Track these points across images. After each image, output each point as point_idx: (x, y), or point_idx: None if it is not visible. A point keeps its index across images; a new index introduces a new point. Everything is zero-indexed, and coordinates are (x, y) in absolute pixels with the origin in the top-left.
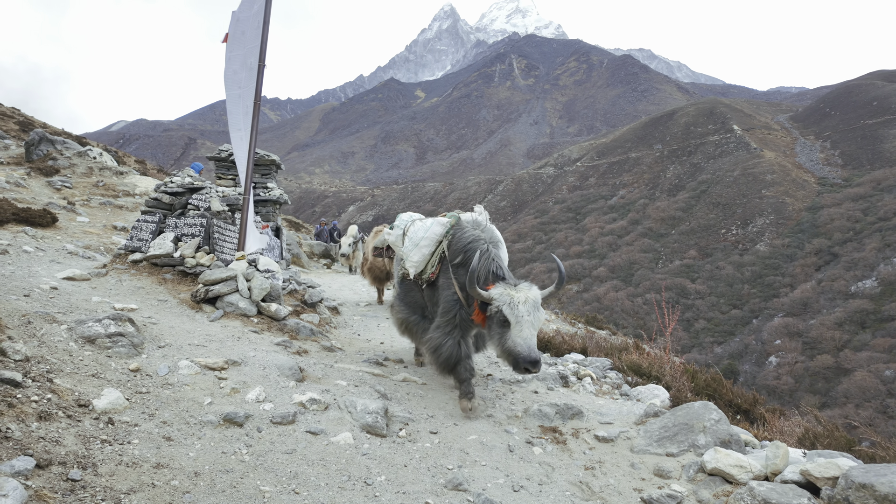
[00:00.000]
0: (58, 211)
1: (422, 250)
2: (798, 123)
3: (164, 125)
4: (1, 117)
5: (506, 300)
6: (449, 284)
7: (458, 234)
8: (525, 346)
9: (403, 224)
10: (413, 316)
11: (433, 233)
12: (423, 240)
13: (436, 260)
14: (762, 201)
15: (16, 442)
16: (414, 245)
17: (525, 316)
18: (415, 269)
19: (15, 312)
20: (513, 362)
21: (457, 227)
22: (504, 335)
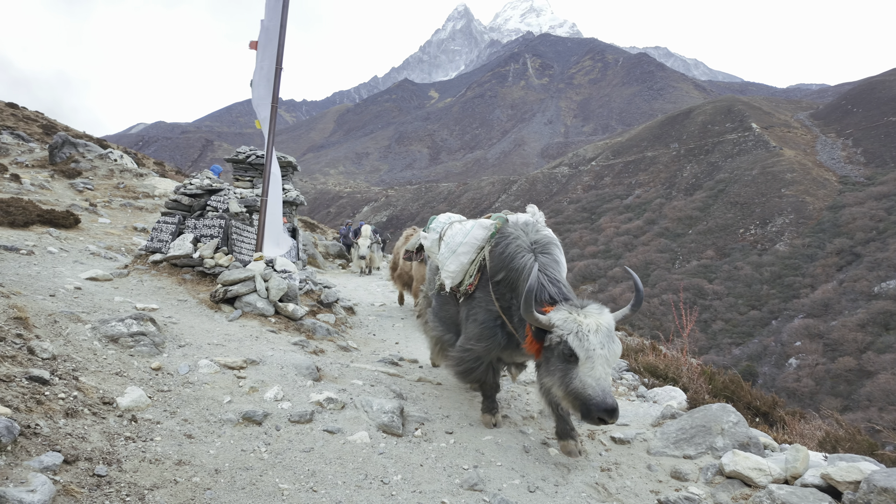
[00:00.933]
0: (80, 212)
1: (459, 258)
2: (819, 121)
3: (181, 127)
4: (25, 121)
5: (572, 328)
6: (488, 301)
7: (503, 241)
8: (598, 388)
9: (440, 227)
10: (448, 334)
11: (473, 238)
12: (462, 246)
13: (475, 269)
14: (782, 200)
15: (44, 438)
16: (451, 252)
17: (597, 349)
18: (451, 281)
19: (42, 312)
20: (581, 408)
21: (502, 232)
22: (568, 373)
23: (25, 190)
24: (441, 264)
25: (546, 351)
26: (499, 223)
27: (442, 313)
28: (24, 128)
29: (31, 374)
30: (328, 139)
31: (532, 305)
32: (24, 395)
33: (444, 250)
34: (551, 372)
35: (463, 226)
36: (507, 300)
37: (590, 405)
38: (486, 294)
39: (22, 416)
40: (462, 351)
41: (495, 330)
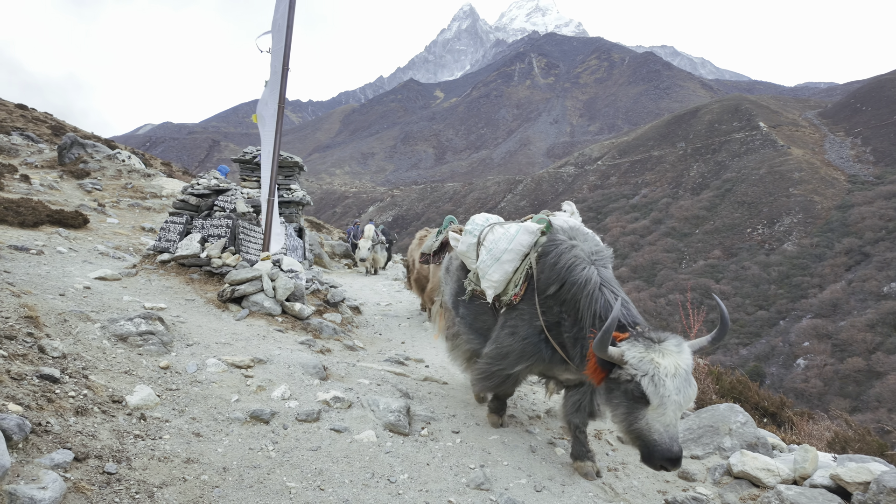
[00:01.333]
0: (89, 213)
1: (504, 267)
2: (827, 120)
3: (188, 128)
4: (35, 122)
5: (647, 370)
6: (532, 314)
7: (554, 249)
8: (666, 435)
9: (478, 230)
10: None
11: (519, 244)
12: (507, 253)
13: (521, 278)
14: (789, 200)
15: (55, 436)
16: (494, 259)
17: (672, 395)
18: (494, 291)
19: (52, 311)
20: (644, 451)
21: (551, 238)
22: (635, 413)
23: (35, 190)
24: (482, 272)
25: (611, 381)
26: (543, 226)
27: (478, 324)
28: (34, 129)
29: (42, 372)
30: (334, 139)
31: (609, 341)
32: (35, 393)
33: (485, 257)
34: (613, 404)
35: (506, 230)
36: (555, 314)
37: (653, 451)
38: (531, 306)
39: (33, 414)
40: (494, 362)
41: (539, 346)
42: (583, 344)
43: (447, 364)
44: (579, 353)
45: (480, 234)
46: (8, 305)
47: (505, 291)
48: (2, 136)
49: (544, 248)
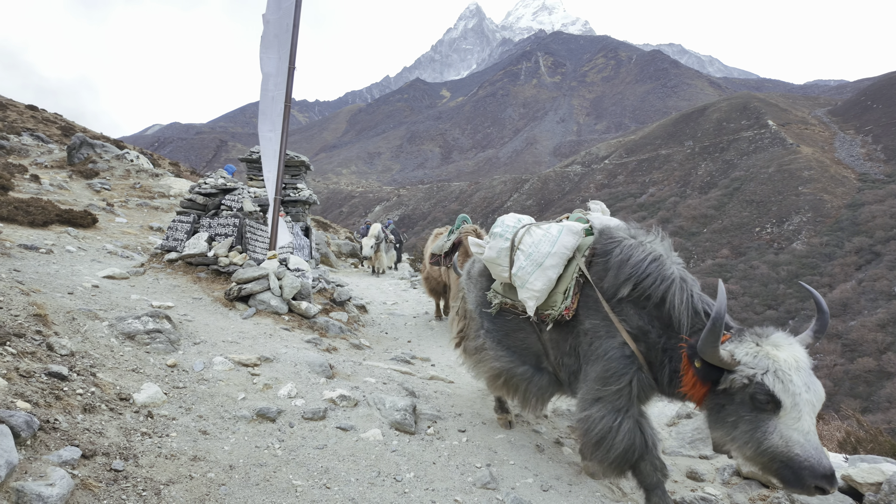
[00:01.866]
0: (98, 212)
1: (547, 273)
2: (837, 118)
3: (196, 128)
4: (45, 123)
5: (766, 366)
6: (608, 329)
7: (615, 246)
8: (809, 446)
9: (510, 231)
10: (521, 367)
11: (564, 246)
12: (551, 257)
13: (571, 287)
14: (799, 198)
15: (63, 433)
16: (535, 265)
17: (803, 393)
18: (536, 302)
19: (60, 309)
20: (786, 474)
21: (606, 235)
22: (762, 425)
23: (45, 190)
24: (520, 281)
25: (718, 396)
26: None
27: (510, 341)
28: (44, 129)
29: (51, 369)
30: (340, 139)
31: (719, 336)
32: (44, 390)
33: (523, 263)
34: (729, 423)
35: (547, 231)
36: (637, 323)
37: (801, 470)
38: (601, 318)
39: (41, 411)
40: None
41: (629, 366)
42: (672, 356)
43: (453, 363)
44: (668, 369)
45: (514, 238)
46: (17, 303)
47: (550, 303)
48: (13, 137)
49: (602, 247)
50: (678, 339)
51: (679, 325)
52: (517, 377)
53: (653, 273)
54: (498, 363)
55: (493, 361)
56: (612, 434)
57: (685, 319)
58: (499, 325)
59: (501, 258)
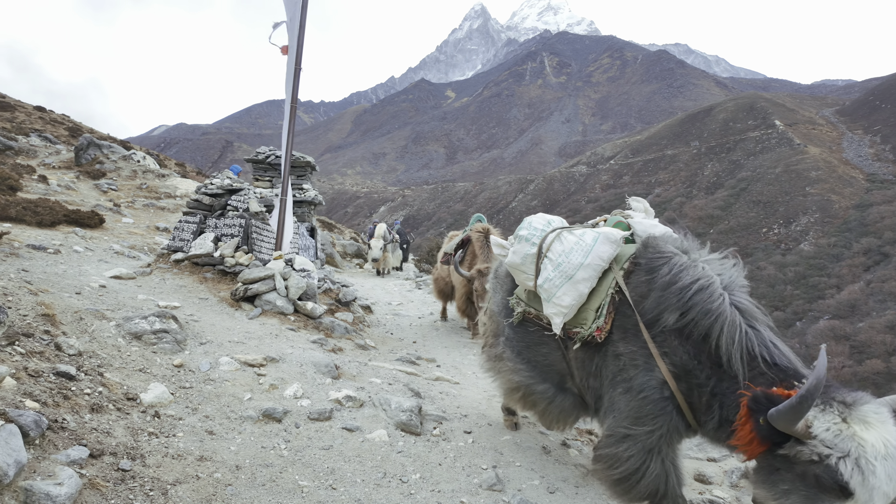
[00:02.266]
0: (105, 212)
1: (578, 288)
2: (845, 117)
3: (202, 129)
4: (52, 124)
5: (848, 449)
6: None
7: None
8: None
9: (537, 235)
10: (542, 385)
11: (599, 257)
12: (583, 269)
13: (606, 304)
14: (806, 199)
15: (71, 432)
16: (565, 278)
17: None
18: (564, 318)
19: (68, 309)
20: None
21: (651, 248)
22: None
23: (52, 191)
24: (546, 293)
25: (776, 458)
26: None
27: (530, 355)
28: (52, 130)
29: (59, 369)
30: (345, 140)
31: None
32: (52, 389)
33: (551, 273)
34: (780, 490)
35: (580, 238)
36: (679, 359)
37: None
38: (639, 345)
39: (49, 411)
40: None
41: (665, 404)
42: (724, 403)
43: (459, 364)
44: (717, 416)
45: (542, 243)
46: (26, 303)
47: (580, 321)
48: (21, 138)
49: (646, 261)
50: (732, 384)
51: (730, 368)
52: (536, 395)
53: (699, 303)
54: (516, 377)
55: (512, 374)
56: (638, 476)
57: (738, 364)
58: (520, 336)
59: (526, 265)
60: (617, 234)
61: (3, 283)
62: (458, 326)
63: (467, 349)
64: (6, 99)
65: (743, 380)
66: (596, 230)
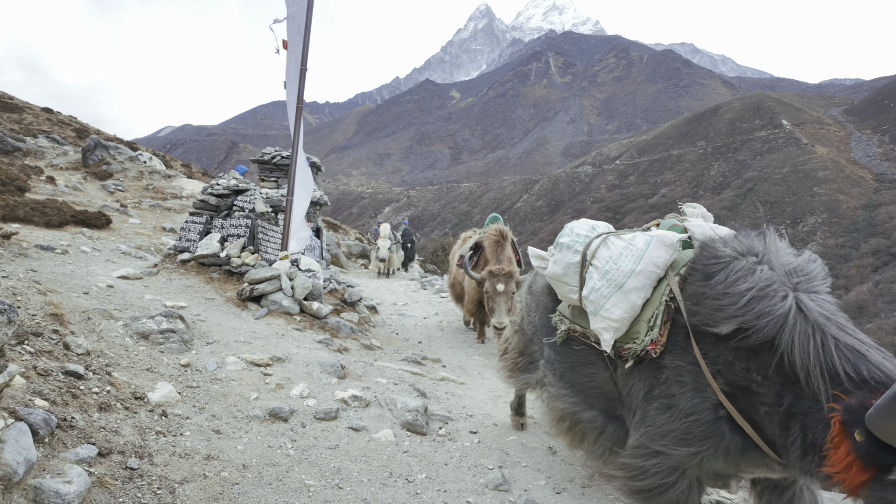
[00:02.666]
0: (112, 213)
1: (630, 298)
2: (853, 117)
3: (208, 130)
4: (59, 125)
5: None
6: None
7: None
8: None
9: (580, 242)
10: (589, 411)
11: (652, 262)
12: (634, 277)
13: (659, 315)
14: (814, 199)
15: (79, 431)
16: (614, 287)
17: None
18: (614, 334)
19: (76, 309)
20: None
21: (709, 251)
22: None
23: (60, 191)
24: (593, 306)
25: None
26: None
27: (574, 376)
28: (59, 132)
29: (67, 368)
30: (350, 140)
31: None
32: (61, 388)
33: (598, 283)
34: None
35: (630, 243)
36: (739, 374)
37: None
38: (688, 360)
39: (58, 410)
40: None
41: (716, 425)
42: (805, 422)
43: (464, 364)
44: (798, 437)
45: (586, 250)
46: (34, 303)
47: (632, 335)
48: (29, 139)
49: (702, 266)
50: (814, 402)
51: (808, 388)
52: (584, 423)
53: (761, 311)
54: (560, 403)
55: (556, 401)
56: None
57: (818, 381)
58: (563, 357)
59: (569, 275)
60: (672, 236)
61: (13, 282)
62: (464, 327)
63: (472, 349)
64: (14, 100)
65: (826, 400)
66: (647, 233)
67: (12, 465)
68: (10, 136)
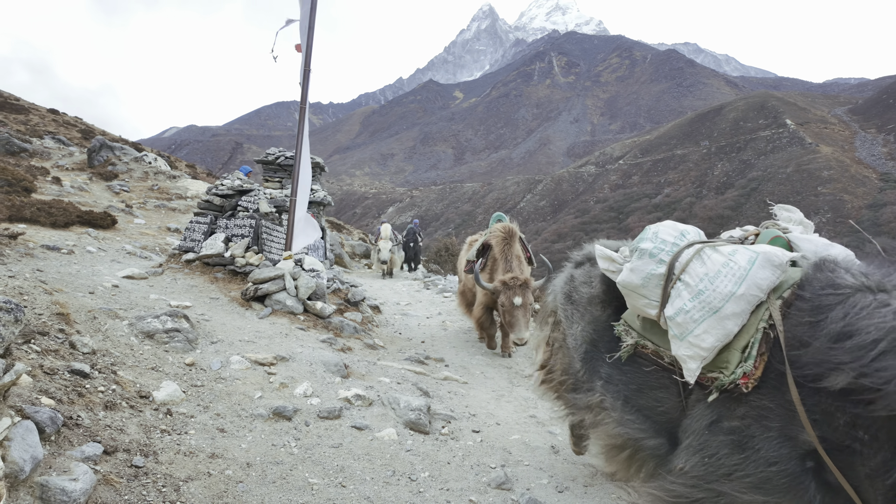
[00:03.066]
0: (117, 213)
1: (725, 325)
2: (858, 116)
3: (212, 130)
4: (66, 126)
5: None
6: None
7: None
8: None
9: (666, 250)
10: (655, 439)
11: (756, 285)
12: (734, 301)
13: (755, 343)
14: (818, 199)
15: (85, 429)
16: (709, 311)
17: None
18: (701, 362)
19: (82, 308)
20: None
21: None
22: None
23: (66, 192)
24: (679, 329)
25: None
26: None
27: (642, 399)
28: (65, 133)
29: (73, 367)
30: (354, 141)
31: None
32: (67, 387)
33: (688, 304)
34: None
35: (731, 258)
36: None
37: None
38: (776, 401)
39: (65, 408)
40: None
41: (801, 479)
42: None
43: (467, 364)
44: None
45: (675, 262)
46: (41, 303)
47: (719, 363)
48: (35, 140)
49: (813, 293)
50: None
51: None
52: (647, 452)
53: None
54: (622, 429)
55: (617, 426)
56: None
57: None
58: (630, 377)
59: (649, 288)
60: (782, 255)
61: (19, 282)
62: (467, 327)
63: (475, 349)
64: (20, 102)
65: None
66: (752, 249)
67: (19, 462)
68: (17, 137)
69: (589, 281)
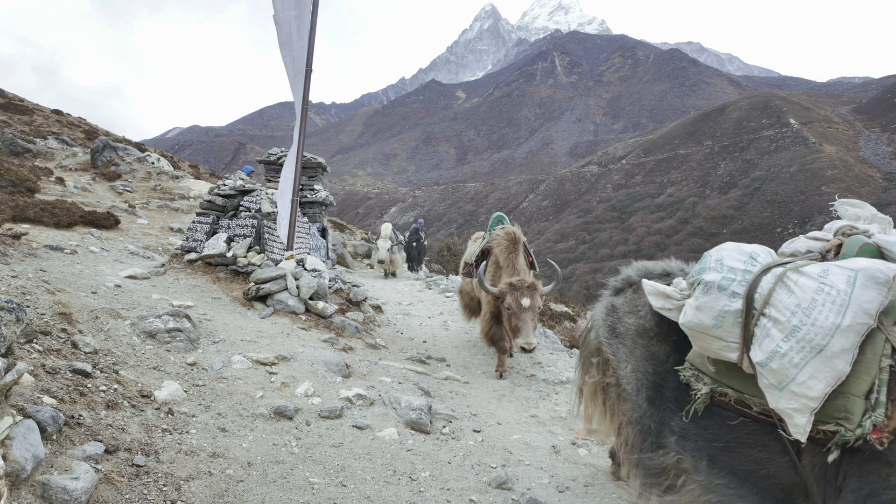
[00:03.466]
0: (120, 214)
1: (834, 364)
2: (862, 115)
3: (215, 131)
4: (69, 126)
5: None
6: None
7: None
8: None
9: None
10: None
11: (863, 308)
12: (840, 334)
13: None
14: (822, 198)
15: (87, 428)
16: (811, 350)
17: None
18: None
19: (84, 308)
20: None
21: None
22: None
23: (69, 192)
24: (776, 377)
25: None
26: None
27: (734, 459)
28: (69, 133)
29: (75, 366)
30: (356, 141)
31: None
32: (69, 386)
33: (783, 345)
34: None
35: (823, 282)
36: None
37: None
38: None
39: (66, 407)
40: None
41: None
42: None
43: (468, 363)
44: None
45: (752, 292)
46: (43, 302)
47: (832, 413)
48: (39, 141)
49: None
50: None
51: None
52: None
53: None
54: (714, 497)
55: (704, 494)
56: None
57: None
58: (712, 432)
59: (724, 328)
60: (885, 269)
61: (22, 282)
62: (469, 327)
63: (477, 349)
64: (25, 102)
65: None
66: (845, 266)
67: (20, 461)
68: (21, 137)
69: (635, 310)
